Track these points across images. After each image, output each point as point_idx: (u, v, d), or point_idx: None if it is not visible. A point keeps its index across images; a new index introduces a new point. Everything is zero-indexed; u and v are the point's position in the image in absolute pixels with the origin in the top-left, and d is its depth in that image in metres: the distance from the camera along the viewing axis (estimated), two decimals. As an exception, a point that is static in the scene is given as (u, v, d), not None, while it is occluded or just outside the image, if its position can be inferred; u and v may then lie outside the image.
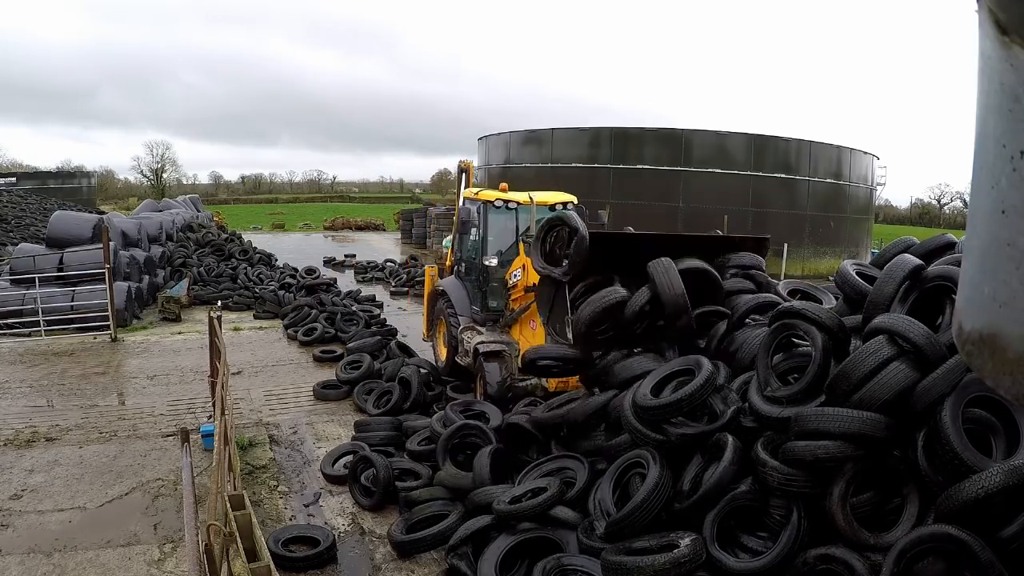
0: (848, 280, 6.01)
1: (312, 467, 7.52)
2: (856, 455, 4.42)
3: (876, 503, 4.51)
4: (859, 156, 31.97)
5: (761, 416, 5.10)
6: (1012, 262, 1.08)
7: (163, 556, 5.61)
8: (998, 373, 1.15)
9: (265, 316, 15.36)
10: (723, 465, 4.79)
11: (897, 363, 4.59)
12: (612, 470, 5.50)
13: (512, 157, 33.07)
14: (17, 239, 24.49)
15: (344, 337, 12.81)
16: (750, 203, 27.75)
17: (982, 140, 1.16)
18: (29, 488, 6.73)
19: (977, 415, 4.42)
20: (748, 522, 4.80)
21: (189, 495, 3.91)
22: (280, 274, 18.99)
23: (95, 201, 57.75)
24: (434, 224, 33.48)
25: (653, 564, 4.30)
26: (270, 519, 6.33)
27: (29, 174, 61.41)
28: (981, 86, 1.15)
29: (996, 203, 1.11)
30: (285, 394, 9.99)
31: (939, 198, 78.45)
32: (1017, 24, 1.00)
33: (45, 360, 11.33)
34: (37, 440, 7.94)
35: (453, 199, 10.72)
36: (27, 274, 13.45)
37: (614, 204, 24.01)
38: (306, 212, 58.95)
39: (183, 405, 9.27)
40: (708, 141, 28.28)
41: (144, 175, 76.09)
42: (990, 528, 3.91)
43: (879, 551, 4.19)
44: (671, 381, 5.63)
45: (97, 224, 15.42)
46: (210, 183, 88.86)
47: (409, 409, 8.88)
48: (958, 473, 4.12)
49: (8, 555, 5.53)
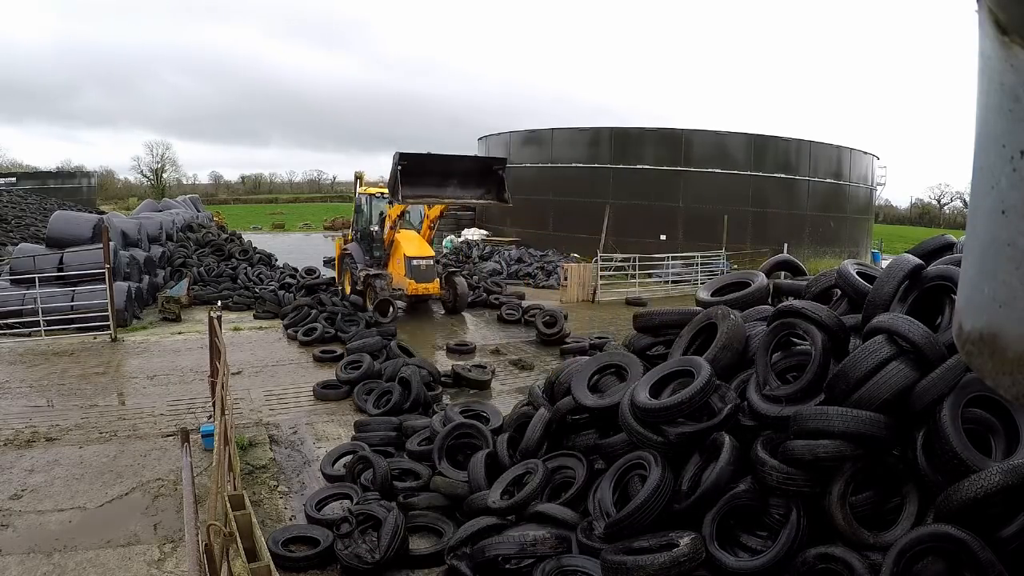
0: (848, 279, 6.01)
1: (312, 467, 7.53)
2: (855, 454, 4.42)
3: (875, 502, 4.51)
4: (859, 156, 31.99)
5: (760, 415, 5.10)
6: (1012, 262, 1.08)
7: (163, 556, 5.61)
8: (998, 373, 1.15)
9: (265, 316, 15.36)
10: (721, 465, 4.80)
11: (897, 363, 4.60)
12: (612, 471, 5.50)
13: (512, 157, 32.98)
14: (17, 239, 24.48)
15: (344, 337, 12.82)
16: (750, 203, 27.76)
17: (982, 140, 1.16)
18: (29, 488, 6.73)
19: (977, 415, 4.43)
20: (748, 521, 4.80)
21: (189, 495, 3.91)
22: (280, 274, 19.01)
23: (95, 201, 57.70)
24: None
25: (653, 563, 4.30)
26: (270, 519, 6.33)
27: (29, 174, 61.34)
28: (981, 86, 1.15)
29: (996, 203, 1.11)
30: (285, 394, 9.99)
31: (939, 198, 78.53)
32: (1017, 24, 1.00)
33: (45, 360, 11.33)
34: (37, 440, 7.94)
35: None
36: (27, 274, 13.44)
37: (614, 204, 24.03)
38: (306, 212, 58.95)
39: (183, 405, 9.27)
40: (708, 141, 28.29)
41: (144, 175, 76.13)
42: (989, 528, 3.92)
43: (878, 550, 4.19)
44: (669, 383, 5.63)
45: (97, 224, 15.42)
46: (210, 183, 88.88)
47: (409, 409, 8.88)
48: (957, 473, 4.13)
49: (8, 555, 5.53)
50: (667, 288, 21.30)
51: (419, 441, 7.44)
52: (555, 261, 24.30)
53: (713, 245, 23.56)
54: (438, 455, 6.81)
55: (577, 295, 18.88)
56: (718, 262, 22.79)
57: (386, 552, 5.35)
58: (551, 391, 6.88)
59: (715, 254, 22.89)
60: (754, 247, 25.44)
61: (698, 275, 22.10)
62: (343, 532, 5.69)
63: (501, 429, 7.18)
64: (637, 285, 20.72)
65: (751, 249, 25.12)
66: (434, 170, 13.63)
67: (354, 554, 5.42)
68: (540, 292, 20.44)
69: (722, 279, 7.56)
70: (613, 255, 20.90)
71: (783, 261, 8.12)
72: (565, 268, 19.59)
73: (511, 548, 5.01)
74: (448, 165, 14.02)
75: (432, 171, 13.59)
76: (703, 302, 6.81)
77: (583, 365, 6.64)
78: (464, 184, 13.92)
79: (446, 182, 13.83)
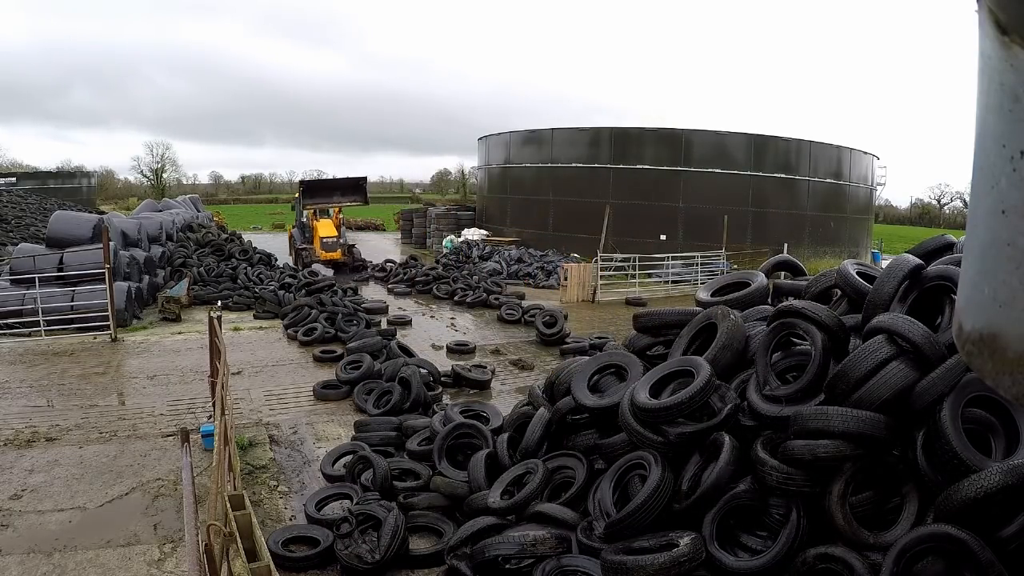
0: (848, 279, 6.01)
1: (312, 467, 7.53)
2: (855, 454, 4.42)
3: (875, 502, 4.51)
4: (859, 156, 31.98)
5: (760, 415, 5.10)
6: (1012, 262, 1.08)
7: (163, 556, 5.61)
8: (998, 373, 1.15)
9: (265, 316, 15.36)
10: (720, 465, 4.79)
11: (896, 362, 4.60)
12: (612, 471, 5.50)
13: (512, 157, 33.07)
14: (17, 239, 24.48)
15: (344, 337, 12.82)
16: (750, 203, 27.76)
17: (982, 140, 1.16)
18: (29, 488, 6.73)
19: (976, 415, 4.43)
20: (748, 521, 4.80)
21: (189, 495, 3.91)
22: (280, 274, 18.99)
23: (95, 201, 57.72)
24: (434, 224, 33.54)
25: (653, 563, 4.30)
26: (270, 519, 6.33)
27: (29, 174, 61.34)
28: (981, 86, 1.15)
29: (996, 203, 1.11)
30: (285, 394, 9.99)
31: (939, 198, 78.52)
32: (1017, 24, 1.00)
33: (45, 360, 11.33)
34: (37, 440, 7.94)
35: (453, 199, 18.44)
36: (27, 274, 13.44)
37: (614, 204, 24.02)
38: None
39: (183, 405, 9.27)
40: (708, 141, 28.27)
41: (144, 175, 76.12)
42: (989, 528, 3.91)
43: (878, 550, 4.19)
44: (669, 383, 5.63)
45: (97, 224, 15.42)
46: (210, 183, 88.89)
47: (409, 409, 8.88)
48: (957, 473, 4.13)
49: (8, 555, 5.53)
50: (667, 288, 21.30)
51: (419, 441, 7.44)
52: (555, 261, 24.29)
53: (713, 245, 23.55)
54: (438, 455, 6.81)
55: (577, 295, 18.88)
56: (718, 262, 22.78)
57: (386, 552, 5.35)
58: (551, 391, 6.88)
59: (715, 254, 22.88)
60: (754, 247, 25.43)
61: (698, 275, 22.09)
62: (343, 532, 5.69)
63: (501, 429, 7.18)
64: (637, 285, 20.72)
65: (751, 249, 25.11)
66: (325, 187, 25.09)
67: (354, 554, 5.42)
68: (540, 292, 20.45)
69: (722, 279, 7.60)
70: (613, 255, 20.90)
71: (783, 261, 8.14)
72: (565, 268, 19.59)
73: (511, 548, 5.01)
74: (333, 183, 25.26)
75: (324, 187, 25.01)
76: (703, 302, 6.81)
77: (583, 365, 6.64)
78: (344, 194, 24.17)
79: (333, 193, 24.31)
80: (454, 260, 24.75)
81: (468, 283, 19.32)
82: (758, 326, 6.12)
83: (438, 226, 33.36)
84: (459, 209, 35.91)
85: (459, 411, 7.79)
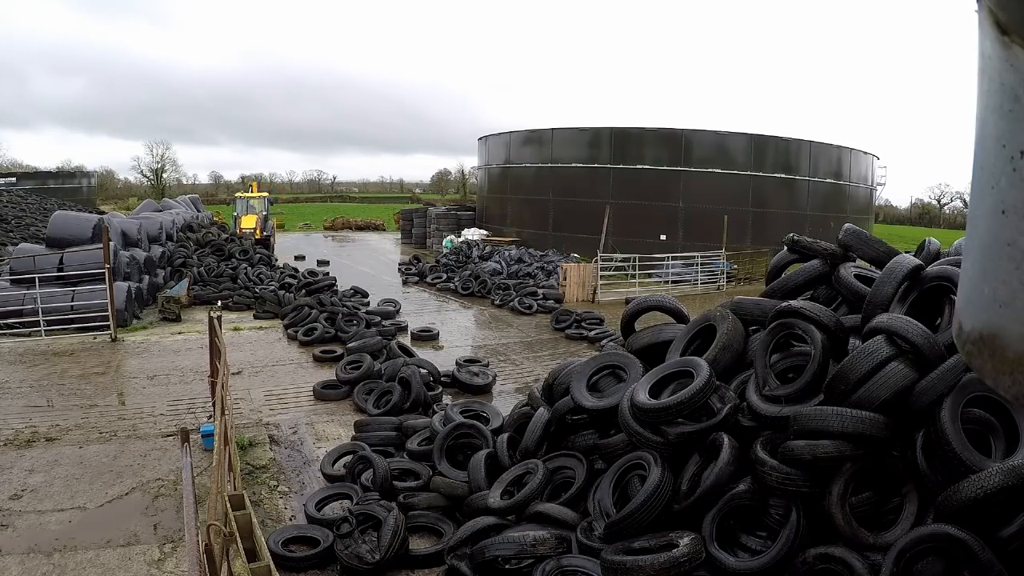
0: (845, 281, 6.01)
1: (312, 467, 7.52)
2: (855, 454, 4.42)
3: (875, 503, 4.51)
4: (859, 156, 31.99)
5: (759, 415, 5.10)
6: (1012, 262, 1.08)
7: (163, 556, 5.61)
8: (998, 373, 1.15)
9: (265, 316, 15.36)
10: (720, 465, 4.79)
11: (896, 363, 4.60)
12: (612, 471, 5.50)
13: (512, 157, 33.07)
14: (17, 239, 24.48)
15: (344, 337, 12.82)
16: (750, 203, 27.76)
17: (982, 140, 1.16)
18: (29, 488, 6.73)
19: (976, 415, 4.43)
20: (747, 521, 4.80)
21: (189, 495, 3.91)
22: (280, 274, 19.00)
23: (95, 201, 57.71)
24: (434, 224, 33.55)
25: (652, 563, 4.30)
26: (270, 519, 6.33)
27: (29, 174, 61.34)
28: (981, 86, 1.15)
29: (996, 203, 1.11)
30: (285, 394, 9.99)
31: (939, 198, 78.46)
32: (1017, 24, 1.00)
33: (45, 360, 11.33)
34: (37, 440, 7.94)
35: (453, 198, 16.74)
36: (27, 274, 13.44)
37: (614, 204, 24.02)
38: (306, 212, 58.90)
39: (183, 405, 9.26)
40: (708, 141, 28.28)
41: (144, 175, 76.07)
42: (989, 528, 3.92)
43: (878, 550, 4.19)
44: (669, 383, 5.63)
45: (97, 224, 15.42)
46: (210, 183, 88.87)
47: (409, 409, 8.88)
48: (957, 473, 4.13)
49: (8, 555, 5.53)
50: (667, 288, 21.30)
51: (419, 441, 7.43)
52: (555, 261, 24.29)
53: (713, 245, 23.54)
54: (438, 455, 6.80)
55: (577, 295, 18.88)
56: (718, 262, 22.80)
57: (386, 552, 5.35)
58: (549, 392, 6.88)
59: (715, 254, 22.89)
60: (754, 247, 25.45)
61: (698, 275, 22.10)
62: (343, 532, 5.69)
63: (501, 429, 7.18)
64: (637, 285, 20.72)
65: (751, 249, 25.12)
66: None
67: (354, 554, 5.41)
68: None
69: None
70: (613, 255, 20.90)
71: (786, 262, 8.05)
72: (564, 268, 19.59)
73: (511, 548, 5.01)
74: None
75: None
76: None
77: (582, 365, 6.64)
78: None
79: None
80: (454, 260, 24.76)
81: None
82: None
83: (438, 226, 33.38)
84: (459, 209, 35.94)
85: (459, 411, 7.79)
